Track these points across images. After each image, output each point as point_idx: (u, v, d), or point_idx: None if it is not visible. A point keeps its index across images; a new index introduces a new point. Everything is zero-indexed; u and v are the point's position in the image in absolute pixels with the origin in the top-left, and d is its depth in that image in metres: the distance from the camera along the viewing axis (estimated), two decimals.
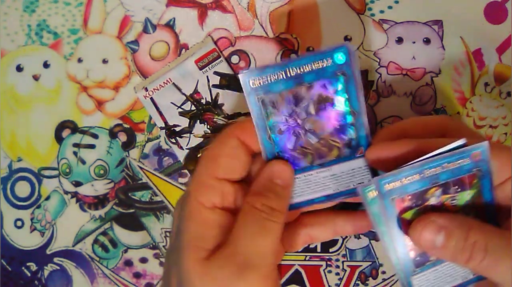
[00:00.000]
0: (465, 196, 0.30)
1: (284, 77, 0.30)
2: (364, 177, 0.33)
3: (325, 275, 0.39)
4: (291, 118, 0.31)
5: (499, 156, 0.29)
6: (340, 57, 0.30)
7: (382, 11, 0.38)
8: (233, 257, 0.29)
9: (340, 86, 0.31)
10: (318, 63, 0.30)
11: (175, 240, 0.32)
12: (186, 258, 0.30)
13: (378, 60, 0.38)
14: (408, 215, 0.30)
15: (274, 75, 0.30)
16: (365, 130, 0.32)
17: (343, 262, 0.39)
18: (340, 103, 0.31)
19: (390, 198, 0.29)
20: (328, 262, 0.39)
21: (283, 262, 0.39)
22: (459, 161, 0.29)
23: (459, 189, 0.30)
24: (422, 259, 0.31)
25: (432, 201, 0.30)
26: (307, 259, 0.39)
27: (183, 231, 0.31)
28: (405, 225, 0.30)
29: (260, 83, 0.30)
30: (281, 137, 0.32)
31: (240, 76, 0.30)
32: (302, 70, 0.30)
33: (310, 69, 0.30)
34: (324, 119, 0.31)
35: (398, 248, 0.31)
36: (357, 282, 0.39)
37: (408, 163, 0.29)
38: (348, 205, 0.36)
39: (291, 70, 0.30)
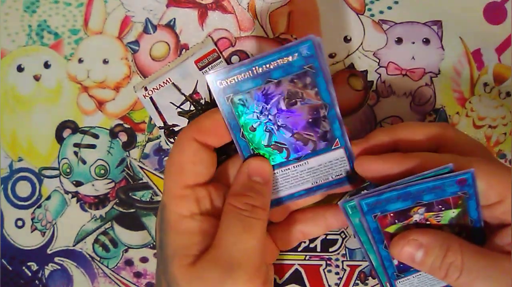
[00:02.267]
0: (450, 214, 0.30)
1: (251, 75, 0.30)
2: (342, 169, 0.33)
3: (325, 275, 0.40)
4: (262, 115, 0.31)
5: (486, 180, 0.29)
6: (305, 51, 0.29)
7: (381, 12, 0.38)
8: (219, 258, 0.29)
9: (308, 80, 0.30)
10: (284, 58, 0.29)
11: (160, 252, 0.32)
12: (173, 266, 0.30)
13: (378, 61, 0.38)
14: (391, 229, 0.30)
15: (241, 74, 0.30)
16: (338, 121, 0.32)
17: (342, 261, 0.39)
18: (311, 96, 0.31)
19: (372, 215, 0.30)
20: (328, 262, 0.39)
21: (283, 262, 0.39)
22: (444, 186, 0.29)
23: (443, 208, 0.30)
24: (405, 266, 0.31)
25: (416, 217, 0.30)
26: (307, 258, 0.40)
27: (167, 244, 0.31)
28: (388, 238, 0.31)
29: (227, 83, 0.30)
30: (254, 134, 0.32)
31: (206, 77, 0.30)
32: (269, 67, 0.30)
33: (277, 65, 0.30)
34: (295, 114, 0.31)
35: (381, 257, 0.31)
36: (356, 281, 0.39)
37: (391, 184, 0.29)
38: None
39: (258, 68, 0.30)
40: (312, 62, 0.30)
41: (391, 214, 0.30)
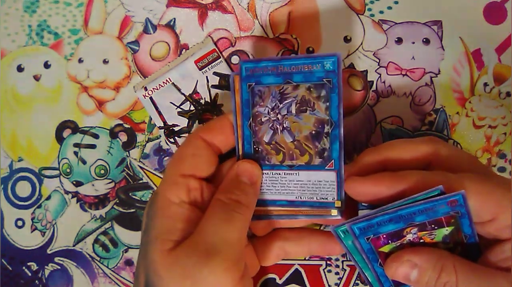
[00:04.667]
0: (444, 232, 0.30)
1: (275, 72, 0.32)
2: (328, 193, 0.33)
3: (325, 275, 0.39)
4: (273, 112, 0.33)
5: (478, 199, 0.29)
6: (329, 65, 0.31)
7: (381, 12, 0.38)
8: (199, 245, 0.30)
9: (323, 92, 0.32)
10: (308, 66, 0.32)
11: (144, 237, 0.33)
12: (152, 250, 0.31)
13: (378, 61, 0.38)
14: (385, 249, 0.31)
15: (268, 68, 0.32)
16: (339, 143, 0.32)
17: (342, 261, 0.39)
18: (321, 109, 0.32)
19: (365, 237, 0.30)
20: (328, 262, 0.39)
21: (282, 262, 0.39)
22: (435, 207, 0.29)
23: (436, 227, 0.30)
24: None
25: (409, 237, 0.30)
26: (307, 258, 0.39)
27: (151, 227, 0.32)
28: (383, 257, 0.31)
29: (253, 72, 0.33)
30: (260, 128, 0.33)
31: (239, 62, 0.32)
32: (292, 69, 0.32)
33: (300, 70, 0.32)
34: (302, 122, 0.33)
35: (377, 274, 0.31)
36: (356, 281, 0.39)
37: (382, 208, 0.29)
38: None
39: (282, 67, 0.32)
40: (331, 77, 0.31)
41: (384, 236, 0.30)
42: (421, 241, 0.30)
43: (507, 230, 0.29)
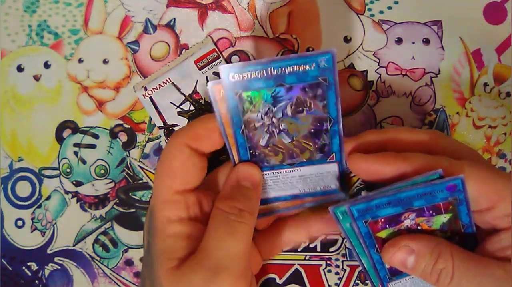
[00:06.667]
0: (441, 219, 0.30)
1: (265, 75, 0.30)
2: (331, 182, 0.33)
3: (325, 275, 0.39)
4: (266, 116, 0.31)
5: (477, 186, 0.29)
6: (324, 63, 0.30)
7: (381, 12, 0.38)
8: (204, 261, 0.29)
9: (319, 91, 0.30)
10: (301, 66, 0.30)
11: (147, 255, 0.32)
12: (158, 270, 0.30)
13: (378, 61, 0.38)
14: (382, 234, 0.31)
15: (255, 73, 0.30)
16: (339, 137, 0.32)
17: (342, 261, 0.39)
18: (318, 108, 0.31)
19: (363, 220, 0.30)
20: (328, 262, 0.39)
21: (282, 262, 0.39)
22: (434, 192, 0.29)
23: (434, 214, 0.30)
24: (397, 269, 0.31)
25: (407, 223, 0.30)
26: (307, 258, 0.39)
27: (153, 246, 0.31)
28: (380, 243, 0.31)
29: (240, 77, 0.30)
30: (254, 133, 0.32)
31: (220, 68, 0.29)
32: (284, 71, 0.30)
33: (292, 71, 0.30)
34: (299, 122, 0.31)
35: (373, 260, 0.31)
36: (356, 281, 0.39)
37: (381, 190, 0.29)
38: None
39: (273, 70, 0.30)
40: (327, 75, 0.30)
41: (382, 220, 0.30)
42: (418, 228, 0.30)
43: (505, 219, 0.29)
